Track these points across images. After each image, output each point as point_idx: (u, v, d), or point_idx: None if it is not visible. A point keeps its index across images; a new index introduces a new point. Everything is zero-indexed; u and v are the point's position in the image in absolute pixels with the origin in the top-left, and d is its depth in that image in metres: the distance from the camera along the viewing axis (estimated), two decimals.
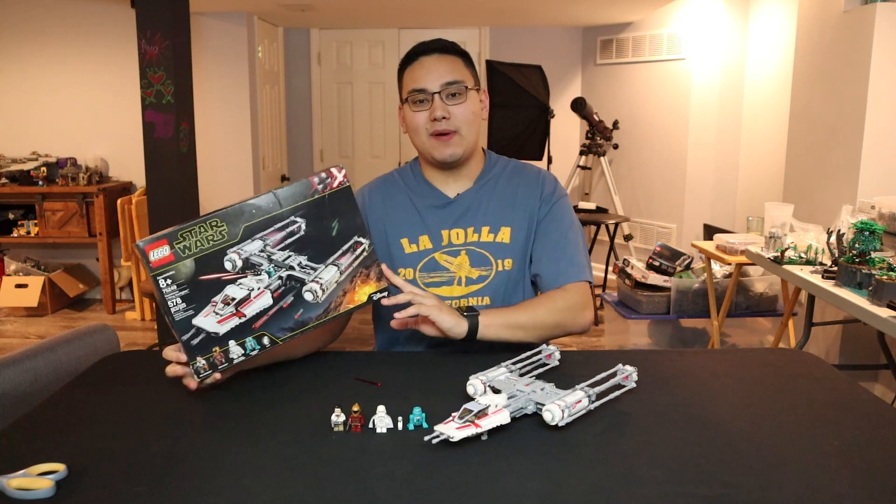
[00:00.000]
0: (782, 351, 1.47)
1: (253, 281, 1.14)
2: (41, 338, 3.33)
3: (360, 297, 1.22)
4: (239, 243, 1.12)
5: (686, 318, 3.49)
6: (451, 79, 1.41)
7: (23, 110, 4.87)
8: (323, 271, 1.18)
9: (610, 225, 4.66)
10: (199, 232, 1.10)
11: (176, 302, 1.09)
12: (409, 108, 1.44)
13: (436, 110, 1.40)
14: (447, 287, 1.45)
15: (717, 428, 1.03)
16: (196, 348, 1.11)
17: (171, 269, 1.08)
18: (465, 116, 1.42)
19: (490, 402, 1.00)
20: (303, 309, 1.17)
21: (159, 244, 1.08)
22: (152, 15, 3.30)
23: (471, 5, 4.57)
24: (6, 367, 1.35)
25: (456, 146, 1.42)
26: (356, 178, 5.75)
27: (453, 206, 1.48)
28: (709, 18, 4.49)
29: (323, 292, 1.18)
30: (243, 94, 4.88)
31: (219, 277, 1.11)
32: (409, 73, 1.44)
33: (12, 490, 0.86)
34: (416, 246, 1.46)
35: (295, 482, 0.89)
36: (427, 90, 1.41)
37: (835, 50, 3.11)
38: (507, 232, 1.46)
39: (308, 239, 1.17)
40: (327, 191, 1.18)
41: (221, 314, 1.12)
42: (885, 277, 2.02)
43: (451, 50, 1.45)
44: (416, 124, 1.43)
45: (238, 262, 1.12)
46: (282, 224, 1.15)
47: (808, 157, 3.35)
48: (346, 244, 1.20)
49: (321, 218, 1.17)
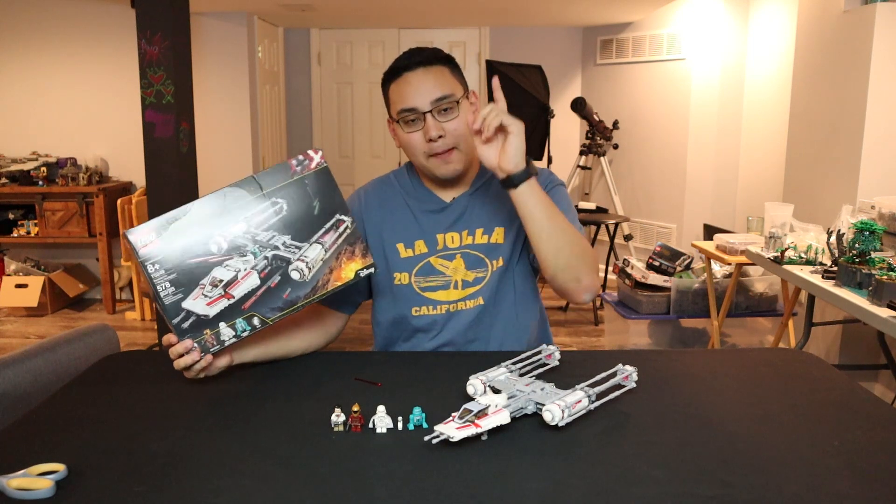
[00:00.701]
0: (782, 351, 1.47)
1: (239, 262, 1.16)
2: (41, 338, 3.33)
3: (346, 275, 1.23)
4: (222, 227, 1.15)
5: (686, 318, 3.49)
6: (440, 94, 1.34)
7: (23, 110, 4.87)
8: (308, 249, 1.20)
9: (610, 225, 4.66)
10: (184, 220, 1.13)
11: (165, 286, 1.12)
12: (401, 128, 1.38)
13: (430, 130, 1.34)
14: (443, 291, 1.43)
15: (717, 428, 1.03)
16: (187, 331, 1.14)
17: (158, 255, 1.12)
18: (460, 131, 1.36)
19: (490, 402, 1.00)
20: (290, 288, 1.19)
21: (146, 232, 1.12)
22: (152, 15, 3.30)
23: (471, 5, 4.57)
24: (6, 367, 1.35)
25: (456, 162, 1.39)
26: (356, 178, 5.75)
27: (449, 210, 1.45)
28: (709, 18, 4.49)
29: (309, 270, 1.20)
30: (243, 94, 4.88)
31: (205, 259, 1.14)
32: (396, 89, 1.38)
33: (12, 490, 0.86)
34: (412, 250, 1.44)
35: (295, 482, 0.89)
36: (418, 109, 1.35)
37: (835, 50, 3.11)
38: (501, 232, 1.45)
39: (290, 218, 1.19)
40: (306, 172, 1.21)
41: (210, 296, 1.14)
42: (885, 277, 2.02)
43: (434, 60, 1.38)
44: (411, 145, 1.38)
45: (223, 244, 1.15)
46: (264, 206, 1.18)
47: (808, 157, 3.35)
48: (329, 222, 1.22)
49: (302, 198, 1.20)
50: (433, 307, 1.43)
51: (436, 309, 1.43)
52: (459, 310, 1.43)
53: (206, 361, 1.17)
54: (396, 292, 1.44)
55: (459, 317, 1.43)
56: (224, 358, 1.23)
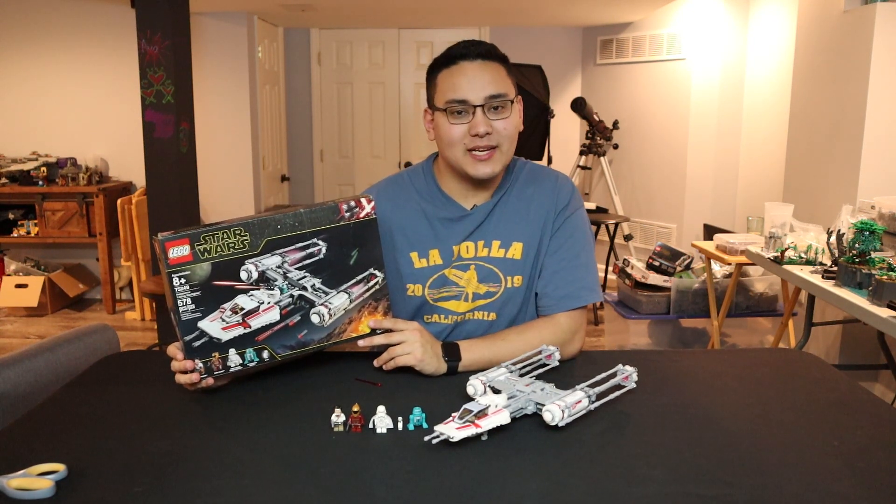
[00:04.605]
0: (782, 351, 1.47)
1: (265, 294, 1.15)
2: (41, 338, 3.33)
3: (363, 329, 1.24)
4: (258, 255, 1.14)
5: (686, 318, 3.49)
6: (495, 91, 1.29)
7: (23, 110, 4.87)
8: (334, 297, 1.20)
9: (610, 225, 4.66)
10: (221, 237, 1.11)
11: (186, 302, 1.10)
12: (445, 118, 1.31)
13: (478, 125, 1.28)
14: (455, 301, 1.39)
15: (717, 428, 1.03)
16: (196, 351, 1.12)
17: (187, 269, 1.09)
18: (507, 132, 1.31)
19: (490, 402, 1.00)
20: (307, 330, 1.19)
21: (180, 242, 1.09)
22: (152, 15, 3.31)
23: (471, 5, 4.57)
24: (6, 367, 1.35)
25: (495, 163, 1.32)
26: (356, 178, 5.75)
27: (469, 219, 1.38)
28: (709, 18, 4.49)
29: (330, 317, 1.20)
30: (243, 94, 4.88)
31: (232, 285, 1.13)
32: (447, 78, 1.31)
33: (12, 490, 0.86)
34: (426, 261, 1.38)
35: (295, 482, 0.89)
36: (469, 102, 1.28)
37: (835, 50, 3.11)
38: (519, 248, 1.38)
39: (326, 263, 1.18)
40: (353, 219, 1.20)
41: (228, 321, 1.13)
42: (885, 277, 2.02)
43: (494, 56, 1.32)
44: (451, 137, 1.31)
45: (254, 274, 1.14)
46: (303, 244, 1.16)
47: (808, 157, 3.35)
48: (362, 274, 1.22)
49: (342, 244, 1.19)
50: (444, 316, 1.40)
51: (446, 318, 1.40)
52: (468, 320, 1.40)
53: (206, 384, 1.16)
54: (408, 302, 1.40)
55: (467, 326, 1.40)
56: None
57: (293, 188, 5.77)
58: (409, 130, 5.72)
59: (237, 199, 4.92)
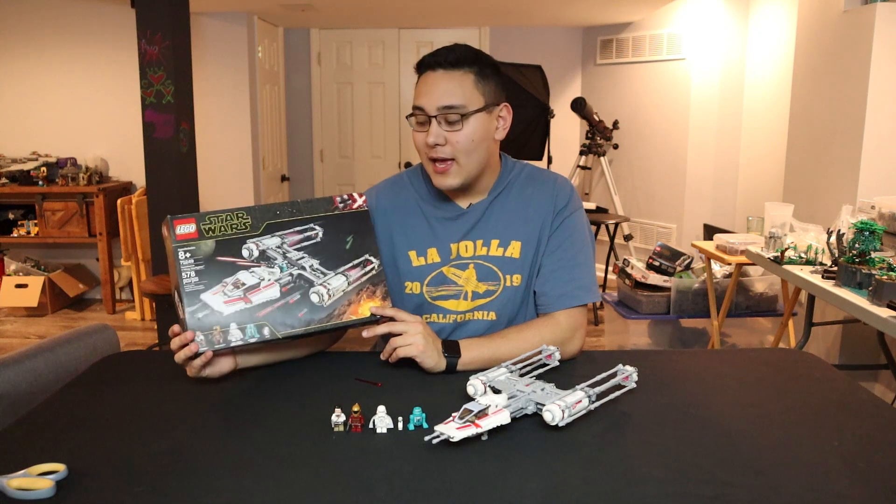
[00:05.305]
0: (782, 351, 1.47)
1: (265, 272, 1.21)
2: (41, 338, 3.33)
3: (363, 311, 1.26)
4: (259, 236, 1.21)
5: (686, 318, 3.49)
6: (448, 103, 1.28)
7: (23, 110, 4.87)
8: (332, 277, 1.24)
9: (610, 225, 4.66)
10: (225, 219, 1.20)
11: (190, 274, 1.16)
12: (413, 122, 1.34)
13: (430, 135, 1.30)
14: (454, 300, 1.40)
15: (717, 428, 1.03)
16: (198, 322, 1.16)
17: (192, 245, 1.17)
18: (461, 145, 1.30)
19: (490, 402, 1.00)
20: (307, 309, 1.21)
21: (187, 221, 1.18)
22: (152, 15, 3.31)
23: (471, 5, 4.57)
24: (6, 367, 1.35)
25: (453, 176, 1.32)
26: (356, 178, 5.75)
27: (465, 217, 1.40)
28: (709, 18, 4.49)
29: (329, 297, 1.23)
30: (243, 94, 4.88)
31: (234, 261, 1.19)
32: (419, 84, 1.33)
33: (12, 490, 0.86)
34: (424, 259, 1.39)
35: (295, 482, 0.89)
36: (425, 111, 1.30)
37: (835, 50, 3.11)
38: (518, 247, 1.39)
39: (322, 246, 1.25)
40: (346, 210, 1.28)
41: (229, 296, 1.18)
42: (885, 277, 2.02)
43: (461, 64, 1.30)
44: (417, 144, 1.35)
45: (255, 252, 1.21)
46: (301, 228, 1.24)
47: (808, 157, 3.35)
48: (357, 259, 1.27)
49: (337, 231, 1.26)
50: (443, 315, 1.40)
51: (445, 318, 1.40)
52: (468, 320, 1.41)
53: (206, 357, 1.16)
54: (407, 300, 1.40)
55: (468, 327, 1.41)
56: (228, 362, 1.23)
57: (293, 188, 5.77)
58: (408, 130, 5.66)
59: (237, 199, 4.92)
